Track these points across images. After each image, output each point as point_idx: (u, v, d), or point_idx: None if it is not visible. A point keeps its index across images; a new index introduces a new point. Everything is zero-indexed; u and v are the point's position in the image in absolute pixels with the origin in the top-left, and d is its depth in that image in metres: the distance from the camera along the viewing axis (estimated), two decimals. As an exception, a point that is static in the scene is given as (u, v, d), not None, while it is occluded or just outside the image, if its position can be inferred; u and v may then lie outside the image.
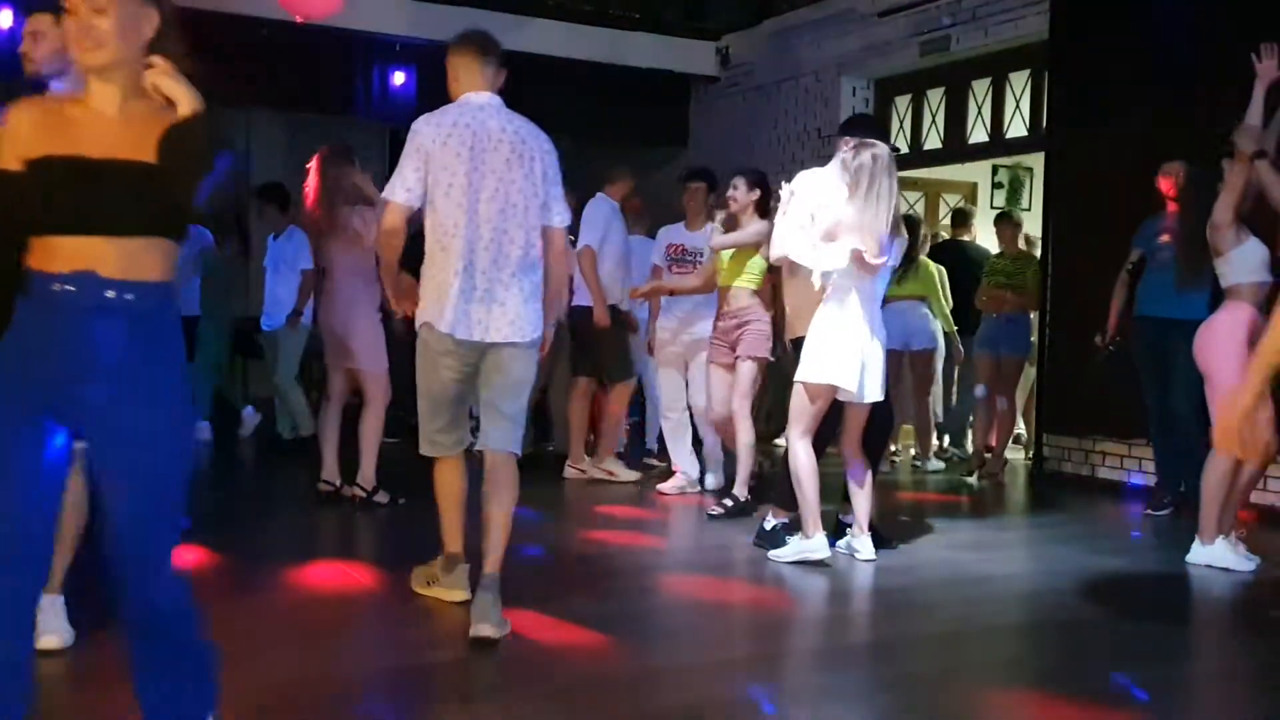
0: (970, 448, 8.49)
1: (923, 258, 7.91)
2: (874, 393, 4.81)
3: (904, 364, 7.87)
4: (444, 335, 3.69)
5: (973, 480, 7.58)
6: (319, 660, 3.47)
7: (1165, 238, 6.03)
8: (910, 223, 8.05)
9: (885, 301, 7.72)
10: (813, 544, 4.81)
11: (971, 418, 8.41)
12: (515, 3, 9.88)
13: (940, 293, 7.92)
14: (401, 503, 5.69)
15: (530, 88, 10.42)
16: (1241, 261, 5.01)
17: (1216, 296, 5.30)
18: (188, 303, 7.52)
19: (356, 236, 5.67)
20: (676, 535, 5.74)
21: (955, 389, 8.90)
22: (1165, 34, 6.82)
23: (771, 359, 6.17)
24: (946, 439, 8.98)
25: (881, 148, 4.78)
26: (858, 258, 4.65)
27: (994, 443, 7.67)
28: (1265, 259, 5.01)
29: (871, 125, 5.53)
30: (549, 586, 4.44)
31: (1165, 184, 6.04)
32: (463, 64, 3.87)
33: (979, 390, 7.75)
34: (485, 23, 9.93)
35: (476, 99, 3.81)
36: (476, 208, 3.67)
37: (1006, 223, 7.90)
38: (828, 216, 4.75)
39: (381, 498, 5.76)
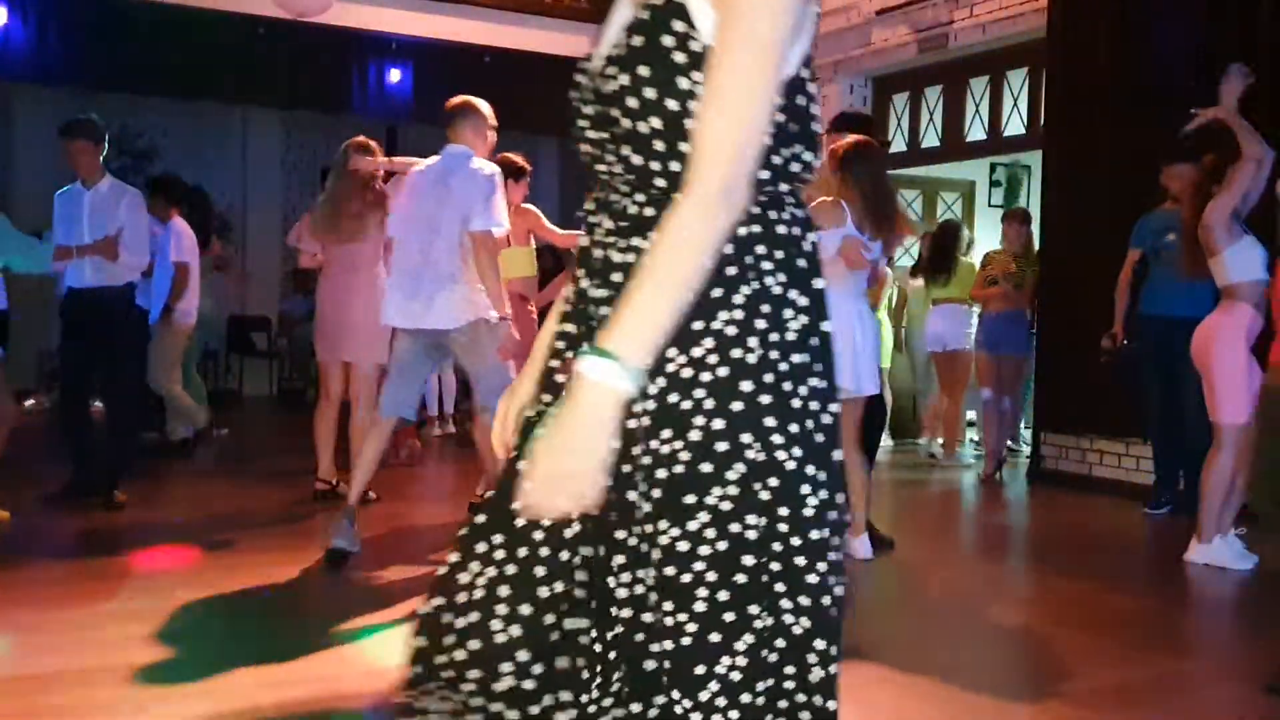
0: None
1: (963, 259, 7.98)
2: (868, 385, 4.80)
3: (932, 365, 8.14)
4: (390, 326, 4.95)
5: (972, 476, 7.58)
6: (313, 657, 3.46)
7: (1172, 236, 6.01)
8: (952, 227, 8.17)
9: (935, 304, 8.07)
10: None
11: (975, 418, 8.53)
12: (514, 2, 9.87)
13: None
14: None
15: (528, 87, 10.47)
16: (1237, 260, 4.98)
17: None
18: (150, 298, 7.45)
19: (357, 228, 5.68)
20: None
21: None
22: (1163, 32, 6.82)
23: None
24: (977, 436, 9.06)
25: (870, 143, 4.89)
26: (848, 252, 4.66)
27: (992, 442, 7.70)
28: (1262, 257, 4.98)
29: (865, 122, 5.48)
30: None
31: (1174, 184, 6.02)
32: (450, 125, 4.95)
33: (985, 393, 7.75)
34: (482, 21, 10.03)
35: (449, 149, 4.90)
36: (416, 229, 4.78)
37: (1014, 218, 7.92)
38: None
39: (373, 494, 5.76)
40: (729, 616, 1.32)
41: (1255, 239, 4.99)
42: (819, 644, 1.37)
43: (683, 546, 1.32)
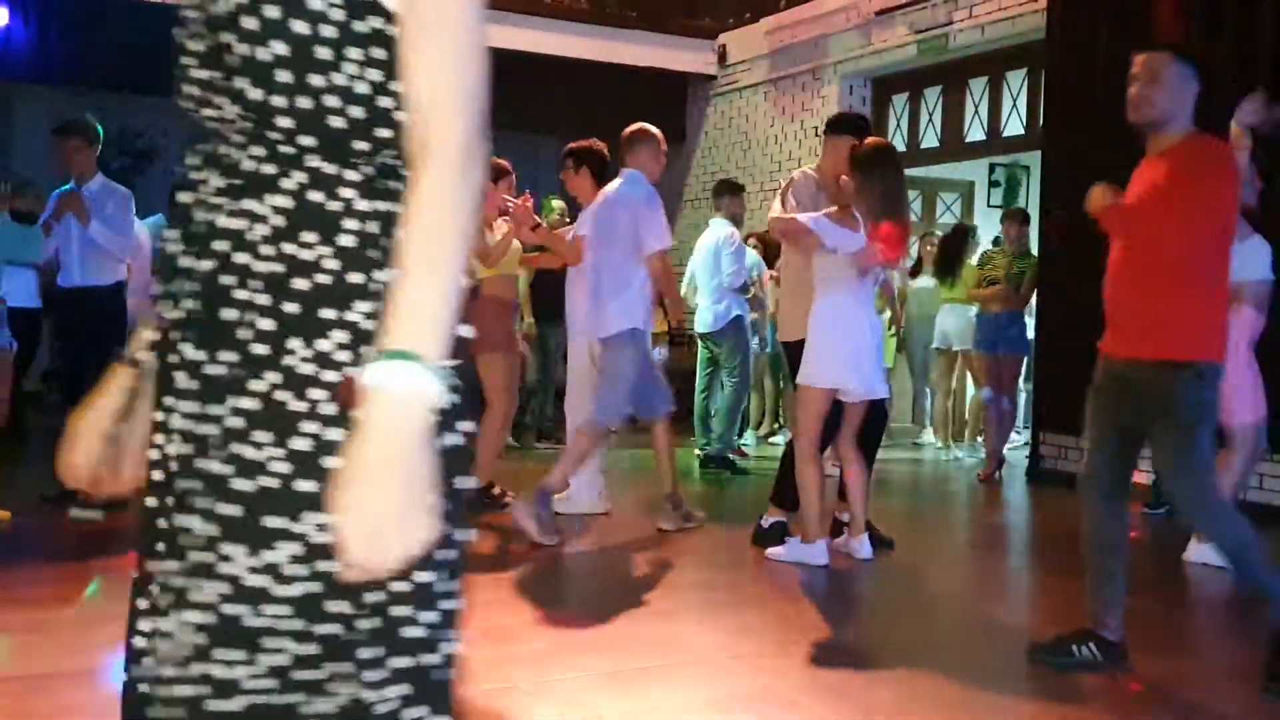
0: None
1: (969, 261, 8.02)
2: (880, 389, 4.80)
3: (932, 360, 8.31)
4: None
5: (972, 476, 7.57)
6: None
7: None
8: (961, 229, 8.23)
9: (943, 303, 8.20)
10: (812, 549, 4.79)
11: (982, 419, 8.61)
12: (513, 2, 9.86)
13: None
14: None
15: (528, 87, 10.47)
16: (1242, 259, 4.94)
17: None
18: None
19: None
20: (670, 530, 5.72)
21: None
22: (1162, 32, 6.82)
23: None
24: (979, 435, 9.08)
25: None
26: (868, 258, 4.64)
27: (990, 441, 7.70)
28: (1268, 257, 4.97)
29: (862, 123, 5.45)
30: (533, 586, 4.44)
31: None
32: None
33: (985, 393, 7.76)
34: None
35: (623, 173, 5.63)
36: (593, 248, 5.50)
37: (1013, 218, 7.93)
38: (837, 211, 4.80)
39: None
40: (305, 675, 1.11)
41: (1263, 239, 4.96)
42: (416, 713, 1.14)
43: (255, 582, 1.08)
